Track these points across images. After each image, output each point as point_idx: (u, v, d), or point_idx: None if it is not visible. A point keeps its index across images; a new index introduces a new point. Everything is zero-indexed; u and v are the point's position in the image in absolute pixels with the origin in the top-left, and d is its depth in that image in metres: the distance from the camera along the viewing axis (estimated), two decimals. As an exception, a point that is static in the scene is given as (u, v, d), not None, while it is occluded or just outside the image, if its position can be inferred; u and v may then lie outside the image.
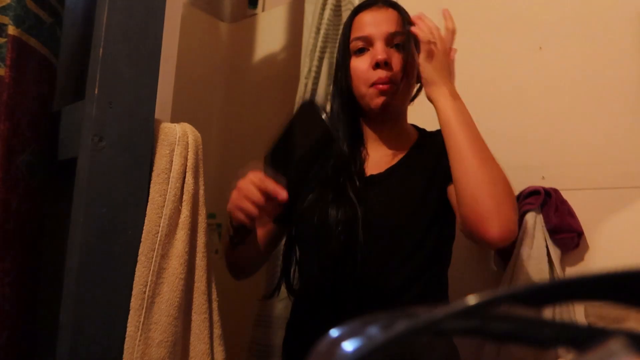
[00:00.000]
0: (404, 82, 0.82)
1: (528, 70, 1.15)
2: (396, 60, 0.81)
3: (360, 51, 0.84)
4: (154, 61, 0.70)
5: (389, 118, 0.87)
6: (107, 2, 0.65)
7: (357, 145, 0.89)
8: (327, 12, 1.37)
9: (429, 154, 0.84)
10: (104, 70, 0.64)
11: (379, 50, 0.81)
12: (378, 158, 0.87)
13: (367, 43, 0.83)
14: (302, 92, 1.42)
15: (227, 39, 1.97)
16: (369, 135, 0.90)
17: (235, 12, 1.99)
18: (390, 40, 0.82)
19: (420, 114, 0.91)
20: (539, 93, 1.13)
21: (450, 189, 0.79)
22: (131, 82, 0.67)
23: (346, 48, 0.86)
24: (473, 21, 1.26)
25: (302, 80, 1.43)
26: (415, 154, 0.86)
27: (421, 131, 0.93)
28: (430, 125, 0.90)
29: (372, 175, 0.85)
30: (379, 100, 0.82)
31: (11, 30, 0.64)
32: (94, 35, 0.66)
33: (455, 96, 0.77)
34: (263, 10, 1.90)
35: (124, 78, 0.66)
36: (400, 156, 0.86)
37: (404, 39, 0.82)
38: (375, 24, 0.83)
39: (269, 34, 1.84)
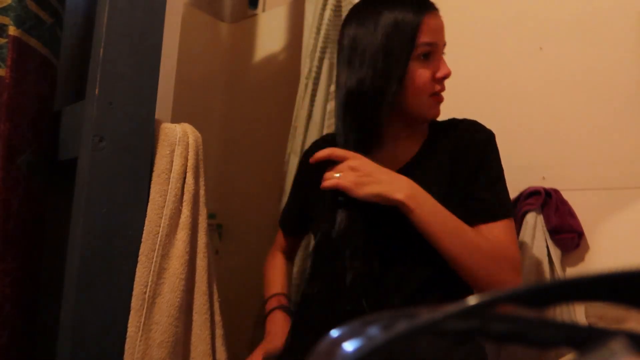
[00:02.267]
0: None
1: (528, 71, 1.15)
2: None
3: (426, 57, 0.78)
4: (155, 61, 0.70)
5: (421, 122, 0.86)
6: (107, 2, 0.65)
7: (369, 145, 0.85)
8: (328, 13, 1.37)
9: (441, 151, 0.83)
10: (105, 71, 0.64)
11: (445, 64, 0.80)
12: (391, 157, 0.84)
13: (433, 51, 0.79)
14: (302, 93, 1.42)
15: (227, 40, 1.97)
16: (387, 132, 0.84)
17: (236, 13, 1.99)
18: (442, 50, 0.82)
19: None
20: (540, 93, 1.13)
21: (481, 225, 0.78)
22: (132, 82, 0.67)
23: (409, 49, 0.76)
24: (473, 21, 1.26)
25: (303, 81, 1.43)
26: (428, 151, 0.84)
27: (432, 124, 0.90)
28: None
29: None
30: (438, 111, 0.82)
31: (12, 30, 0.65)
32: (95, 35, 0.66)
33: (410, 195, 0.71)
34: (263, 10, 1.90)
35: (125, 78, 0.66)
36: (413, 154, 0.85)
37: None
38: (440, 31, 0.80)
39: (270, 34, 1.84)
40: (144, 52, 0.69)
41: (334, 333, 0.19)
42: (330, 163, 0.78)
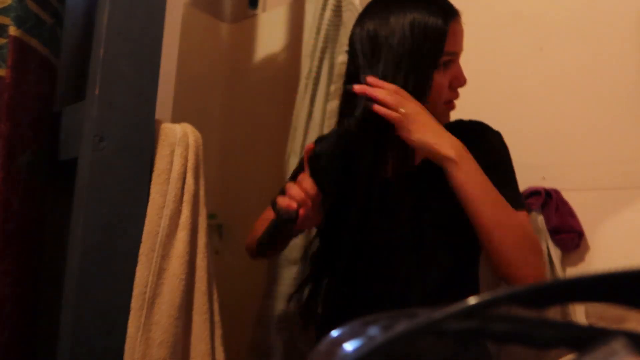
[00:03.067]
0: None
1: (529, 71, 1.15)
2: None
3: (446, 65, 0.78)
4: (155, 61, 0.70)
5: None
6: (107, 2, 0.65)
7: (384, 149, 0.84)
8: (328, 13, 1.37)
9: None
10: (105, 71, 0.64)
11: (462, 72, 0.80)
12: (401, 156, 0.82)
13: (454, 59, 0.79)
14: (302, 93, 1.42)
15: (227, 40, 1.97)
16: (396, 139, 0.81)
17: (236, 13, 1.99)
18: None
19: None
20: (540, 94, 1.13)
21: None
22: (132, 83, 0.67)
23: (435, 56, 0.75)
24: (474, 22, 1.26)
25: (303, 81, 1.43)
26: None
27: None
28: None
29: (396, 177, 0.82)
30: (448, 118, 0.82)
31: (12, 30, 0.65)
32: (95, 35, 0.66)
33: (460, 154, 0.69)
34: (263, 10, 1.90)
35: (125, 78, 0.66)
36: (420, 158, 0.83)
37: None
38: (462, 39, 0.80)
39: (270, 35, 1.84)
40: (144, 52, 0.69)
41: (335, 333, 0.19)
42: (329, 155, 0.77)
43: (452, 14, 0.77)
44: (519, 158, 1.14)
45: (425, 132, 0.69)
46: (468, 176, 0.69)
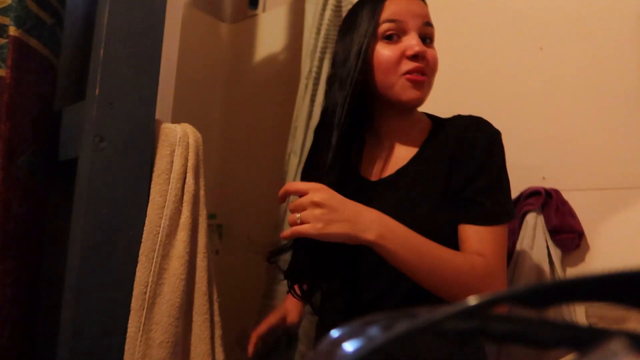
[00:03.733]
0: (433, 76, 0.80)
1: (529, 71, 1.15)
2: (428, 54, 0.77)
3: (389, 38, 0.77)
4: (155, 62, 0.70)
5: (407, 111, 0.82)
6: (108, 2, 0.65)
7: (361, 141, 0.85)
8: (328, 13, 1.37)
9: (440, 153, 0.79)
10: (105, 71, 0.64)
11: (417, 41, 0.76)
12: (387, 156, 0.83)
13: (400, 31, 0.77)
14: (302, 93, 1.42)
15: (227, 40, 1.97)
16: (380, 129, 0.85)
17: (236, 13, 1.99)
18: (422, 32, 0.78)
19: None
20: (540, 93, 1.13)
21: (460, 228, 0.75)
22: (132, 83, 0.67)
23: (372, 30, 0.77)
24: (474, 22, 1.26)
25: (303, 81, 1.43)
26: (428, 151, 0.81)
27: (434, 120, 0.87)
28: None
29: (380, 180, 0.81)
30: (413, 93, 0.77)
31: (12, 31, 0.65)
32: (95, 35, 0.66)
33: (380, 233, 0.66)
34: (264, 10, 1.90)
35: (125, 78, 0.66)
36: (412, 154, 0.81)
37: (434, 32, 0.80)
38: (411, 12, 0.78)
39: (270, 35, 1.84)
40: (144, 52, 0.69)
41: (334, 333, 0.19)
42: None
43: None
44: (519, 158, 1.14)
45: (338, 221, 0.66)
46: (396, 250, 0.66)
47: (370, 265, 0.79)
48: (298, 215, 0.68)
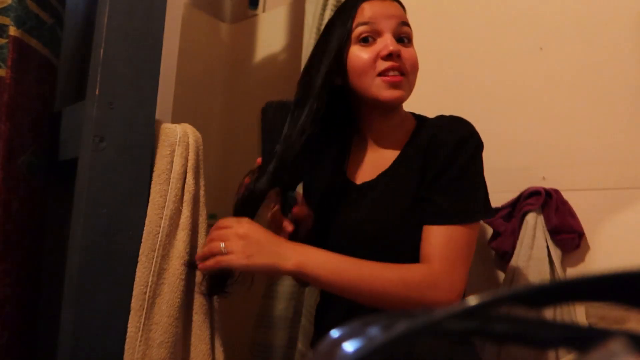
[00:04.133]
0: (413, 75, 0.79)
1: (529, 71, 1.15)
2: (405, 52, 0.78)
3: (365, 40, 0.78)
4: (155, 62, 0.70)
5: (386, 111, 0.82)
6: (108, 3, 0.65)
7: (346, 144, 0.86)
8: (328, 13, 1.37)
9: (417, 154, 0.79)
10: (105, 71, 0.64)
11: (391, 41, 0.76)
12: (373, 159, 0.84)
13: (375, 33, 0.78)
14: (302, 93, 1.42)
15: (227, 40, 1.97)
16: (364, 131, 0.85)
17: (236, 13, 1.99)
18: (398, 33, 0.78)
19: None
20: (540, 94, 1.13)
21: (422, 230, 0.74)
22: (132, 83, 0.67)
23: (346, 34, 0.78)
24: (474, 22, 1.26)
25: (303, 81, 1.42)
26: (409, 152, 0.81)
27: (420, 120, 0.86)
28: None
29: (364, 184, 0.82)
30: (390, 93, 0.76)
31: (12, 31, 0.65)
32: (95, 36, 0.66)
33: (299, 262, 0.67)
34: (264, 10, 1.90)
35: (125, 79, 0.66)
36: (395, 156, 0.81)
37: (411, 32, 0.80)
38: (385, 14, 0.78)
39: (270, 35, 1.84)
40: (144, 53, 0.69)
41: (335, 333, 0.19)
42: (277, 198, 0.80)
43: None
44: (519, 158, 1.14)
45: (260, 253, 0.67)
46: (318, 273, 0.67)
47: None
48: (223, 244, 0.68)
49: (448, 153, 0.74)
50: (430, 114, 0.89)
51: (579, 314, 0.95)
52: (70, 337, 0.60)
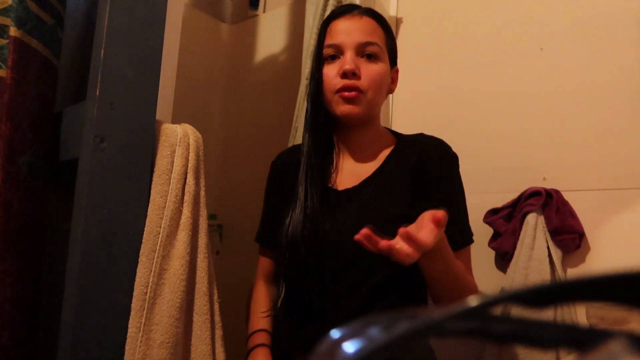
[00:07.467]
0: (372, 91, 0.83)
1: (529, 71, 1.15)
2: (365, 69, 0.82)
3: (332, 58, 0.84)
4: (155, 62, 0.70)
5: (357, 125, 0.87)
6: (108, 3, 0.65)
7: (329, 155, 0.90)
8: (328, 14, 1.37)
9: (406, 166, 0.84)
10: (106, 71, 0.65)
11: (347, 60, 0.81)
12: (353, 169, 0.88)
13: (338, 51, 0.84)
14: (302, 94, 1.42)
15: (228, 40, 1.97)
16: (342, 143, 0.90)
17: (237, 14, 1.99)
18: (361, 50, 0.83)
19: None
20: (540, 94, 1.13)
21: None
22: (132, 83, 0.67)
23: (319, 54, 0.86)
24: (474, 22, 1.26)
25: (303, 82, 1.42)
26: (391, 164, 0.86)
27: (399, 137, 0.92)
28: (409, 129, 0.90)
29: (346, 190, 0.85)
30: (345, 108, 0.82)
31: (12, 31, 0.65)
32: (96, 36, 0.66)
33: (441, 251, 0.71)
34: (264, 11, 1.90)
35: (126, 79, 0.66)
36: (376, 167, 0.86)
37: (376, 49, 0.83)
38: (347, 32, 0.83)
39: (270, 35, 1.84)
40: (144, 53, 0.69)
41: (335, 334, 0.19)
42: (292, 167, 0.86)
43: (335, 15, 0.88)
44: (519, 159, 1.14)
45: (428, 234, 0.66)
46: (442, 266, 0.73)
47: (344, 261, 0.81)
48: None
49: (447, 172, 0.84)
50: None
51: (580, 314, 0.95)
52: (71, 337, 0.60)
